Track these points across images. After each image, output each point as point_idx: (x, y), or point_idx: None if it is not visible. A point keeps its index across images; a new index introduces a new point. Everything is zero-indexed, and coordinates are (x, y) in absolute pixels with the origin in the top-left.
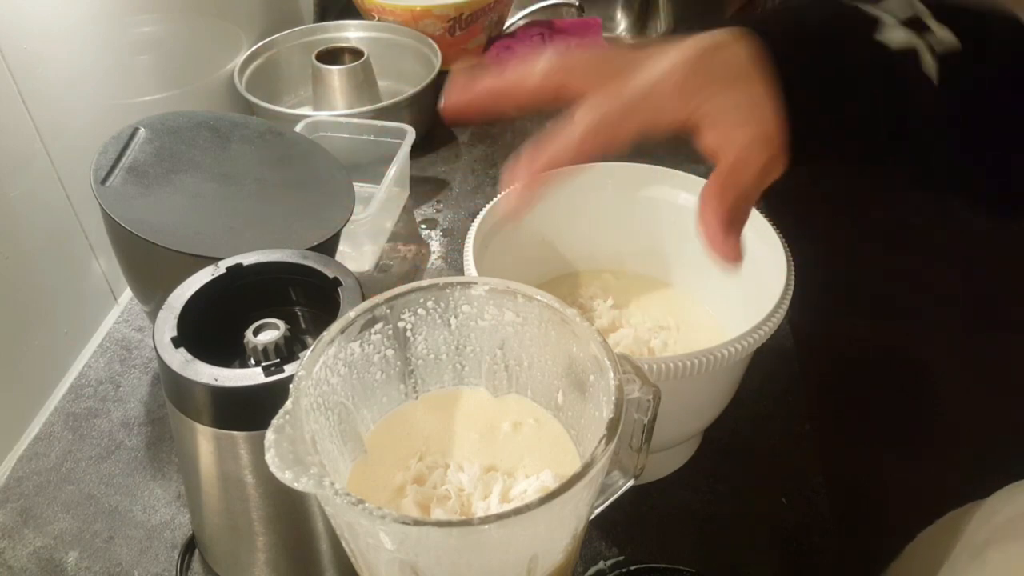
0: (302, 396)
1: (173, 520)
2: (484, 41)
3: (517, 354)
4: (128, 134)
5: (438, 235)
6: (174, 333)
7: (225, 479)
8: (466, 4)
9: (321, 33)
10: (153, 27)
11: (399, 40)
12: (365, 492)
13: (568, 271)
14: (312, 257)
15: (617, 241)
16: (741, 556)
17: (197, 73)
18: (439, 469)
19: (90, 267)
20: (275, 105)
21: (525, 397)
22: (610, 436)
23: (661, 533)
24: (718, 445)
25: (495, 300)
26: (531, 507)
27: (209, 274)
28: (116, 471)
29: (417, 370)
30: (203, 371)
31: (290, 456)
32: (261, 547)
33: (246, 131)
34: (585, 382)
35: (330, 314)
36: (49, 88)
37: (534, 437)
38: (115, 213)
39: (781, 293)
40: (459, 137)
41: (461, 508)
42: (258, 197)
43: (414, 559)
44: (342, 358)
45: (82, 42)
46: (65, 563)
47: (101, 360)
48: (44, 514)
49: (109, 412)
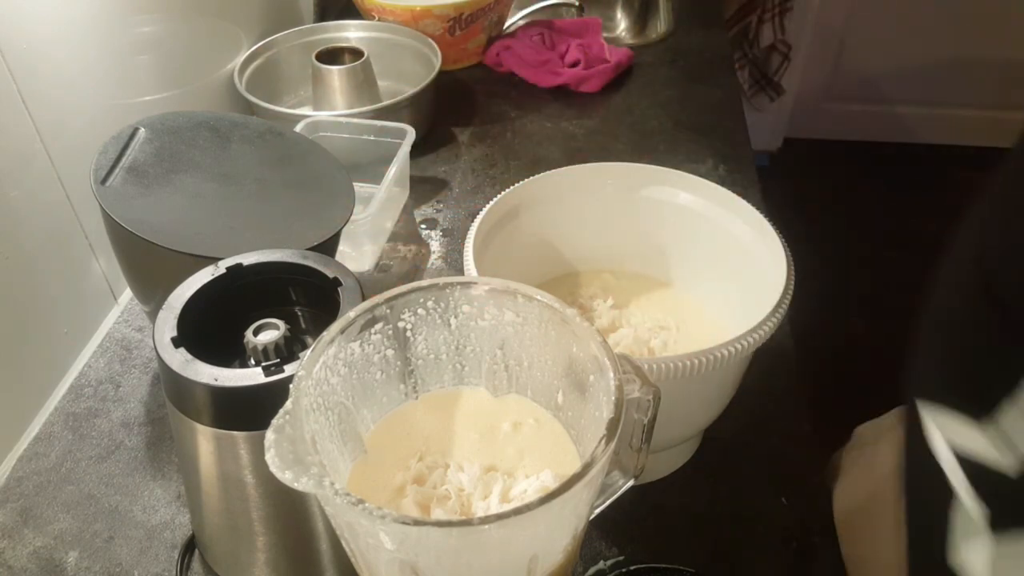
0: (302, 396)
1: (173, 520)
2: (484, 41)
3: (517, 354)
4: (128, 134)
5: (438, 235)
6: (174, 333)
7: (225, 479)
8: (466, 4)
9: (321, 33)
10: (153, 27)
11: (399, 40)
12: (365, 492)
13: (568, 271)
14: (312, 257)
15: (617, 241)
16: (741, 556)
17: (197, 73)
18: (439, 469)
19: (90, 267)
20: (275, 105)
21: (525, 397)
22: (610, 436)
23: (661, 533)
24: (718, 445)
25: (495, 300)
26: (531, 507)
27: (209, 274)
28: (116, 471)
29: (417, 370)
30: (203, 371)
31: (290, 456)
32: (261, 547)
33: (246, 131)
34: (585, 382)
35: (330, 314)
36: (49, 88)
37: (534, 437)
38: (115, 213)
39: (781, 293)
40: (459, 137)
41: (461, 508)
42: (258, 197)
43: (414, 559)
44: (342, 358)
45: (82, 42)
46: (65, 563)
47: (101, 360)
48: (44, 514)
49: (109, 412)
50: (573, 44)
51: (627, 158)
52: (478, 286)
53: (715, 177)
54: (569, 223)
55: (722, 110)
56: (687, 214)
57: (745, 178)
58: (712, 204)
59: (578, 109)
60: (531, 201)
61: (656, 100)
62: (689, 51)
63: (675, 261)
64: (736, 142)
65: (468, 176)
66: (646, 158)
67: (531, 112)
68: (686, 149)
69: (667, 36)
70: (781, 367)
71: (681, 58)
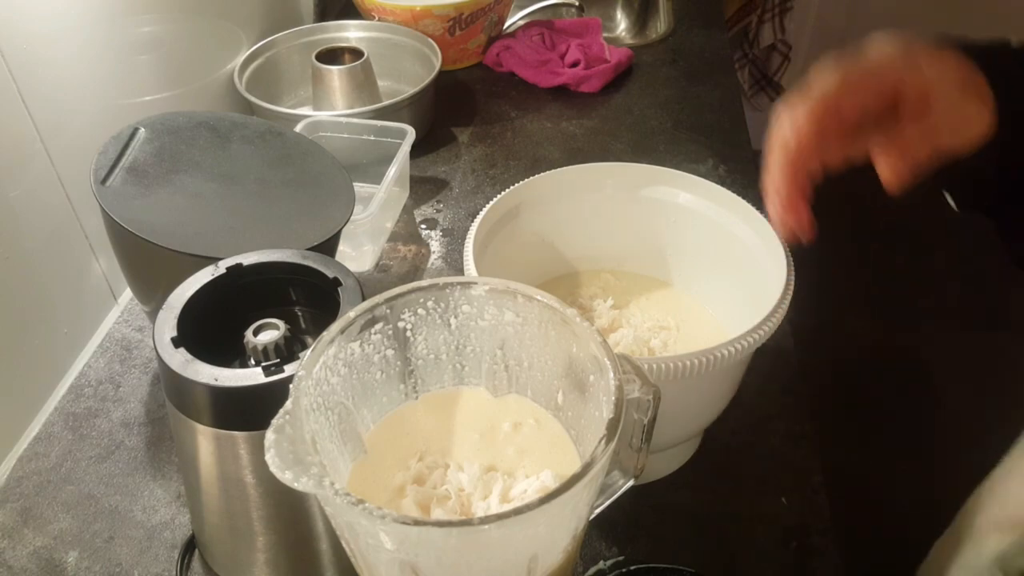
0: (302, 396)
1: (173, 520)
2: (484, 41)
3: (517, 354)
4: (128, 134)
5: (438, 235)
6: (174, 333)
7: (225, 479)
8: (466, 4)
9: (321, 33)
10: (153, 27)
11: (399, 40)
12: (365, 492)
13: (568, 271)
14: (312, 257)
15: (617, 241)
16: (741, 556)
17: (197, 73)
18: (439, 469)
19: (90, 267)
20: (275, 105)
21: (525, 397)
22: (610, 436)
23: (661, 533)
24: (718, 445)
25: (495, 300)
26: (531, 507)
27: (209, 274)
28: (116, 471)
29: (417, 370)
30: (203, 371)
31: (290, 456)
32: (261, 547)
33: (246, 131)
34: (585, 382)
35: (330, 314)
36: (49, 88)
37: (534, 437)
38: (115, 213)
39: (781, 293)
40: (459, 137)
41: (461, 508)
42: (258, 197)
43: (414, 559)
44: (342, 358)
45: (82, 42)
46: (65, 563)
47: (101, 360)
48: (44, 514)
49: (109, 412)
50: (573, 44)
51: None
52: (478, 286)
53: (715, 177)
54: (569, 223)
55: (722, 110)
56: (687, 214)
57: (745, 178)
58: (712, 204)
59: (578, 109)
60: (531, 201)
61: (656, 100)
62: (689, 51)
63: (675, 261)
64: (736, 142)
65: (468, 176)
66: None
67: (531, 112)
68: (686, 149)
69: (667, 36)
70: (781, 367)
71: (681, 58)
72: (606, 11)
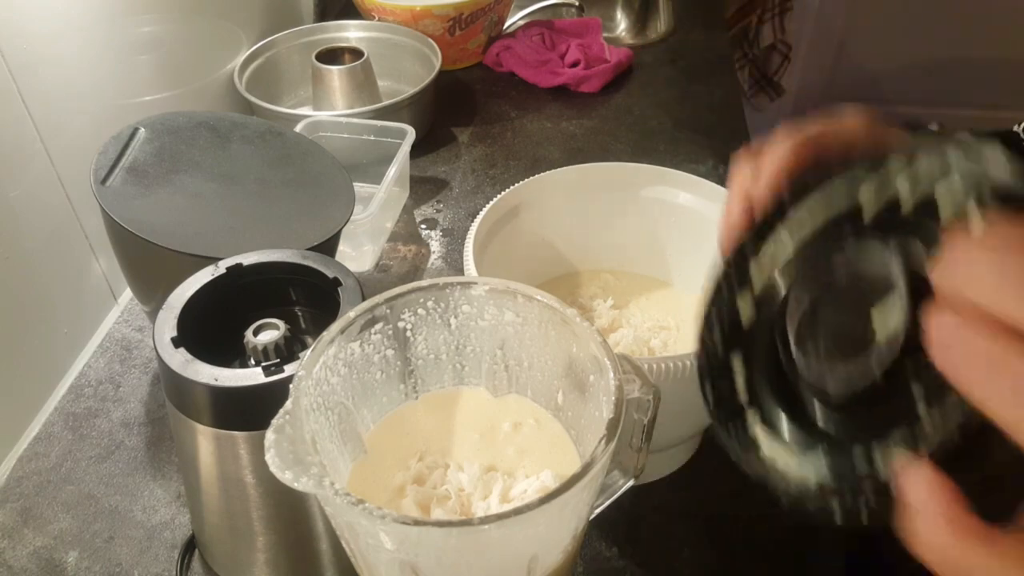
0: (302, 396)
1: (173, 520)
2: (484, 41)
3: (517, 354)
4: (128, 134)
5: (438, 235)
6: (174, 333)
7: (225, 479)
8: (466, 4)
9: (321, 33)
10: (153, 27)
11: (399, 40)
12: (365, 492)
13: (568, 271)
14: (312, 257)
15: (617, 241)
16: (741, 556)
17: (197, 73)
18: (439, 469)
19: (90, 267)
20: (275, 105)
21: (525, 397)
22: (610, 436)
23: (661, 533)
24: (718, 445)
25: (495, 300)
26: (531, 507)
27: (209, 274)
28: (116, 471)
29: (417, 370)
30: (203, 371)
31: (290, 456)
32: (261, 547)
33: (246, 131)
34: (585, 382)
35: (330, 314)
36: (49, 88)
37: (534, 437)
38: (115, 213)
39: None
40: (459, 137)
41: (461, 508)
42: (258, 197)
43: (414, 559)
44: (342, 358)
45: (82, 42)
46: (65, 563)
47: (101, 360)
48: (44, 514)
49: (109, 412)
50: (573, 44)
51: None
52: (478, 286)
53: (715, 177)
54: (569, 223)
55: (722, 110)
56: (687, 214)
57: None
58: (712, 204)
59: (578, 109)
60: (531, 201)
61: (656, 100)
62: (689, 51)
63: (675, 261)
64: (736, 142)
65: (468, 176)
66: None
67: (531, 112)
68: (686, 149)
69: (667, 36)
70: None
71: (681, 58)
72: (606, 11)
